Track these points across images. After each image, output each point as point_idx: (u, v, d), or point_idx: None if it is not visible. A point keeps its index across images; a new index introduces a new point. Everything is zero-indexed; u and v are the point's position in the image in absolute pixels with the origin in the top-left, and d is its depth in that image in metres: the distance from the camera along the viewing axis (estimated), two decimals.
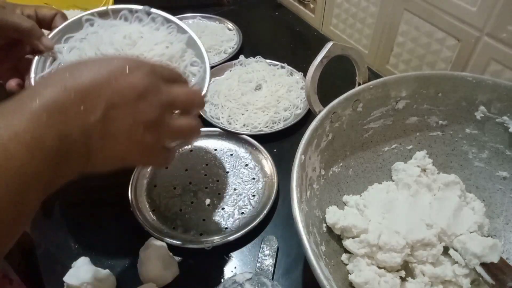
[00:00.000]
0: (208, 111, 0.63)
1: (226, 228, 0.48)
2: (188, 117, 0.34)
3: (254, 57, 0.72)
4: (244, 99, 0.64)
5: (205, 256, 0.46)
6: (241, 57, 0.72)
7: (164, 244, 0.44)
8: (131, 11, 0.47)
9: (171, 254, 0.44)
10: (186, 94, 0.34)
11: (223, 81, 0.68)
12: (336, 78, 0.63)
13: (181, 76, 0.36)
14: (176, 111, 0.34)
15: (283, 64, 0.71)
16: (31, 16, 0.43)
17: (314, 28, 0.84)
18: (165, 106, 0.32)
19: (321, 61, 0.44)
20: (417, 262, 0.41)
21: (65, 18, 0.46)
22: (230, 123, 0.61)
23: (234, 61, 0.72)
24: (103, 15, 0.47)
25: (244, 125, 0.60)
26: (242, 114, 0.62)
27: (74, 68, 0.29)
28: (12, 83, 0.43)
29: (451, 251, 0.41)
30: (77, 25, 0.46)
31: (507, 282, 0.37)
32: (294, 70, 0.70)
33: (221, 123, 0.60)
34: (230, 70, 0.71)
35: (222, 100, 0.63)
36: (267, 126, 0.61)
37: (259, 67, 0.70)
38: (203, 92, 0.44)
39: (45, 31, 0.44)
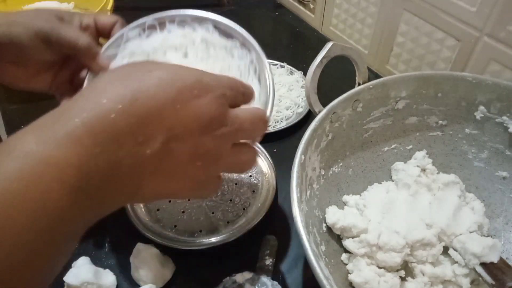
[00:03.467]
0: None
1: (226, 227, 0.48)
2: (248, 150, 0.30)
3: None
4: None
5: (205, 256, 0.46)
6: None
7: (152, 245, 0.44)
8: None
9: (161, 252, 0.44)
10: (251, 123, 0.29)
11: None
12: (336, 78, 0.63)
13: (246, 95, 0.31)
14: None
15: (282, 64, 0.71)
16: (90, 26, 0.39)
17: (314, 28, 0.84)
18: (228, 139, 0.28)
19: (321, 61, 0.44)
20: (417, 262, 0.41)
21: (124, 25, 0.42)
22: None
23: None
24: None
25: None
26: None
27: (129, 79, 0.24)
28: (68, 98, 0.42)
29: (450, 251, 0.41)
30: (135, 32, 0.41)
31: (507, 282, 0.37)
32: (294, 69, 0.70)
33: None
34: None
35: None
36: (269, 125, 0.61)
37: None
38: (267, 115, 0.36)
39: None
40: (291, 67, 0.71)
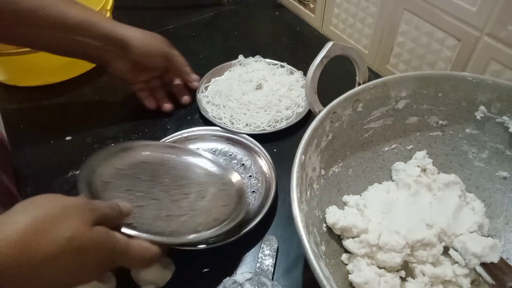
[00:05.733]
0: (210, 111, 0.63)
1: (226, 227, 0.47)
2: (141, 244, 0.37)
3: (253, 57, 0.72)
4: (245, 98, 0.64)
5: (205, 256, 0.46)
6: (240, 56, 0.72)
7: None
8: None
9: None
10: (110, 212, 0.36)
11: (224, 81, 0.68)
12: (336, 78, 0.63)
13: (121, 213, 0.38)
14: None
15: (282, 63, 0.71)
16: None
17: (314, 28, 0.84)
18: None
19: (321, 61, 0.44)
20: (417, 262, 0.41)
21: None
22: (232, 123, 0.61)
23: (233, 61, 0.72)
24: None
25: (246, 125, 0.60)
26: (244, 114, 0.62)
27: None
28: (168, 106, 0.63)
29: (451, 251, 0.41)
30: None
31: (507, 282, 0.37)
32: (294, 68, 0.70)
33: (224, 123, 0.60)
34: (230, 70, 0.71)
35: (224, 100, 0.63)
36: (269, 125, 0.61)
37: (258, 67, 0.70)
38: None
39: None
40: (291, 67, 0.71)
